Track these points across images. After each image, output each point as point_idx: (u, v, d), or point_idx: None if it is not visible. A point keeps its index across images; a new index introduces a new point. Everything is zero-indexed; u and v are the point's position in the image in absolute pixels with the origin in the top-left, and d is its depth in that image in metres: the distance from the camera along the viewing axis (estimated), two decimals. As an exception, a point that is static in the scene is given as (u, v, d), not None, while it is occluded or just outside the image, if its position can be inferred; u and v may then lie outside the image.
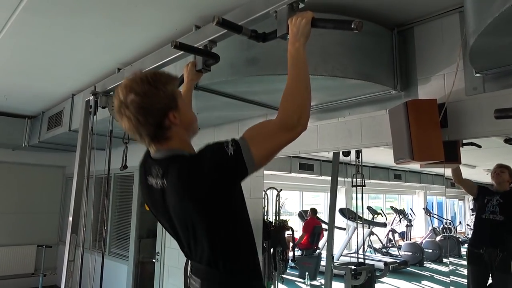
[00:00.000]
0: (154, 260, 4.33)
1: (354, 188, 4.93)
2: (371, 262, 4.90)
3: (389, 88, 2.36)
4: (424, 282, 7.29)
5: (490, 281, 3.00)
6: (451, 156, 2.17)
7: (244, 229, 1.23)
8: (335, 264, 4.08)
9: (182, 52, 1.59)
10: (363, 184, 4.13)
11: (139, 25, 2.62)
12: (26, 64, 3.42)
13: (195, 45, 1.50)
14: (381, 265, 5.93)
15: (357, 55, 2.22)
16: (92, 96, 2.33)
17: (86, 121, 2.43)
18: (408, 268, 8.10)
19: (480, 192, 3.20)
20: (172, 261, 4.10)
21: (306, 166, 4.62)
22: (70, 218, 2.43)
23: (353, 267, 3.75)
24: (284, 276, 4.11)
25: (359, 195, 4.33)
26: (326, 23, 1.18)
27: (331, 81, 2.23)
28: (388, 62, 2.37)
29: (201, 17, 2.45)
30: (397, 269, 6.19)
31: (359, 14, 2.26)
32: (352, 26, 1.08)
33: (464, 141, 2.32)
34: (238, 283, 1.18)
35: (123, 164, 2.36)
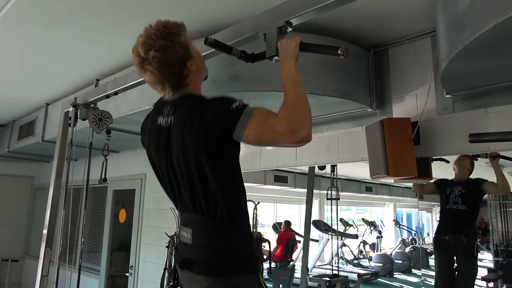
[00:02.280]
0: (127, 274, 4.24)
1: (327, 201, 5.03)
2: (345, 274, 4.99)
3: (366, 106, 2.47)
4: (394, 293, 7.46)
5: (455, 265, 3.13)
6: (424, 172, 2.29)
7: (238, 177, 1.26)
8: (310, 276, 4.13)
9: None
10: (338, 197, 4.23)
11: (122, 37, 2.62)
12: (-2, 72, 3.34)
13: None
14: (355, 276, 6.03)
15: (337, 74, 2.31)
16: (72, 108, 2.30)
17: (65, 132, 2.39)
18: (378, 279, 8.27)
19: (440, 186, 3.32)
20: (146, 275, 4.03)
21: (280, 178, 4.68)
22: (45, 231, 2.36)
23: (327, 278, 3.80)
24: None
25: (334, 208, 4.42)
26: (314, 48, 1.24)
27: (311, 99, 2.26)
28: (365, 81, 2.48)
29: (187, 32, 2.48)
30: (369, 280, 6.30)
31: (340, 35, 2.36)
32: (339, 52, 1.14)
33: (434, 157, 2.45)
34: (233, 233, 1.21)
35: (103, 177, 2.33)
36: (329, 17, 2.19)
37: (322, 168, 4.31)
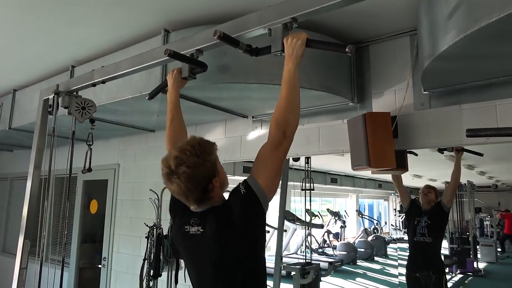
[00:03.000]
0: (99, 266, 4.16)
1: (294, 191, 5.14)
2: (316, 262, 5.15)
3: (347, 100, 2.57)
4: (358, 279, 7.81)
5: None
6: (401, 164, 2.42)
7: (263, 267, 1.38)
8: (284, 265, 4.25)
9: (165, 58, 1.62)
10: (312, 188, 4.35)
11: (103, 24, 2.55)
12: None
13: (182, 53, 1.53)
14: (326, 264, 6.27)
15: (321, 68, 2.39)
16: (53, 95, 2.22)
17: (44, 120, 2.30)
18: (343, 267, 8.60)
19: (411, 207, 3.56)
20: (120, 266, 3.98)
21: (248, 169, 4.74)
22: (23, 223, 2.29)
23: (301, 267, 3.93)
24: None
25: (302, 198, 4.55)
26: (320, 45, 1.29)
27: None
28: (346, 76, 2.57)
29: (170, 21, 2.46)
30: (335, 268, 6.57)
31: (323, 30, 2.43)
32: (347, 50, 1.20)
33: (410, 149, 2.59)
34: None
35: (87, 167, 2.28)
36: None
37: (296, 160, 4.42)
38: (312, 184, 4.34)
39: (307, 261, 4.34)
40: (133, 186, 4.06)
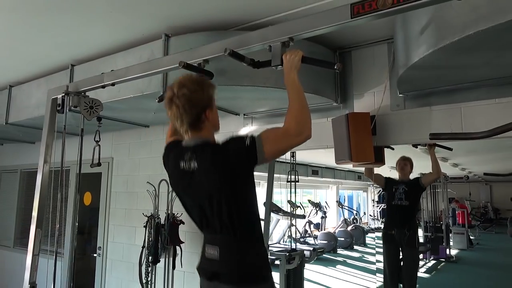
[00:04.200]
0: (94, 255, 4.35)
1: (280, 183, 5.41)
2: (302, 248, 5.44)
3: (331, 101, 2.83)
4: (338, 266, 8.21)
5: (401, 256, 3.70)
6: (378, 158, 2.71)
7: (255, 203, 1.55)
8: (271, 251, 4.52)
9: (174, 66, 1.84)
10: (297, 180, 4.62)
11: (105, 27, 2.72)
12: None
13: (188, 62, 1.75)
14: (308, 252, 6.60)
15: (309, 72, 2.63)
16: (61, 95, 2.40)
17: (53, 118, 2.48)
18: (324, 255, 8.98)
19: (387, 183, 3.89)
20: (116, 255, 4.18)
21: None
22: (35, 214, 2.47)
23: (287, 253, 4.20)
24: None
25: (291, 190, 4.82)
26: (313, 61, 1.54)
27: (286, 93, 2.61)
28: (331, 79, 2.83)
29: (171, 27, 2.66)
30: (317, 255, 6.92)
31: (310, 38, 2.67)
32: (335, 67, 1.45)
33: (387, 145, 2.88)
34: (252, 249, 1.50)
35: (95, 162, 2.48)
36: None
37: (282, 153, 4.67)
38: (297, 176, 4.61)
39: (292, 248, 4.63)
40: (127, 179, 4.25)
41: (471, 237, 10.45)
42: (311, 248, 7.20)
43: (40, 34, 2.85)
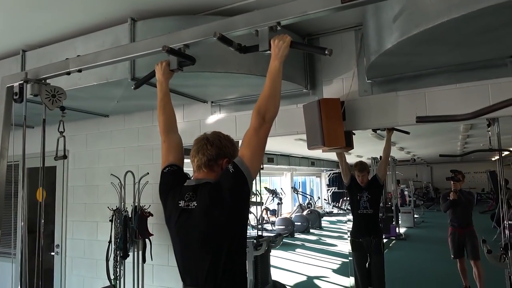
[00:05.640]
0: (52, 254, 4.11)
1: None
2: (266, 235, 5.51)
3: (301, 87, 2.86)
4: (297, 250, 8.44)
5: (369, 261, 3.92)
6: (348, 143, 2.79)
7: (244, 243, 1.60)
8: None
9: (154, 50, 1.75)
10: (262, 167, 4.65)
11: (61, 8, 2.52)
12: None
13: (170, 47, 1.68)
14: (274, 237, 6.72)
15: (280, 58, 2.64)
16: (18, 82, 2.20)
17: (9, 109, 2.28)
18: (283, 240, 9.18)
19: (352, 182, 4.02)
20: (76, 252, 3.98)
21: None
22: (-8, 212, 2.28)
23: (254, 240, 4.24)
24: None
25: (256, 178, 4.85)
26: (302, 46, 1.54)
27: (258, 80, 2.60)
28: (300, 65, 2.86)
29: (136, 10, 2.53)
30: (282, 239, 7.07)
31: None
32: (326, 52, 1.46)
33: (355, 130, 2.98)
34: None
35: (60, 154, 2.32)
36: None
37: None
38: (262, 164, 4.65)
39: (258, 234, 4.68)
40: (85, 172, 4.03)
41: (416, 216, 11.19)
42: (276, 233, 7.32)
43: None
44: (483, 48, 2.09)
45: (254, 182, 1.59)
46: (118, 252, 3.05)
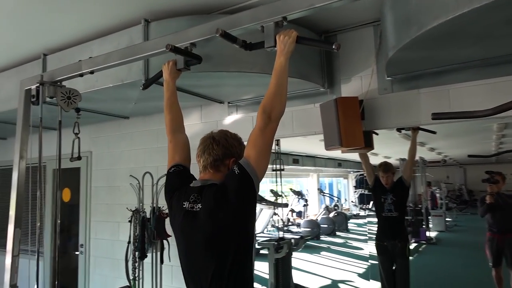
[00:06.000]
0: (77, 253, 4.20)
1: (271, 173, 5.37)
2: (290, 237, 5.45)
3: (319, 86, 2.78)
4: (322, 253, 8.28)
5: (394, 265, 3.78)
6: (368, 143, 2.69)
7: (251, 245, 1.54)
8: (258, 241, 4.49)
9: (160, 50, 1.73)
10: (282, 168, 4.59)
11: (79, 12, 2.57)
12: None
13: (176, 46, 1.65)
14: (295, 241, 6.63)
15: (296, 57, 2.54)
16: (35, 85, 2.25)
17: (27, 111, 2.33)
18: (307, 242, 9.06)
19: (376, 183, 3.88)
20: (99, 252, 4.05)
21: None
22: (12, 212, 2.33)
23: (275, 242, 4.18)
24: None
25: (277, 179, 4.78)
26: (309, 42, 1.47)
27: (273, 79, 2.54)
28: (318, 63, 2.78)
29: (150, 11, 2.53)
30: (304, 242, 6.96)
31: (295, 20, 2.60)
32: (333, 47, 1.39)
33: (375, 130, 2.87)
34: None
35: (75, 155, 2.35)
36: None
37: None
38: (282, 165, 4.57)
39: (280, 237, 4.61)
40: (107, 173, 4.10)
41: (448, 219, 10.77)
42: (299, 236, 7.23)
43: (9, 22, 2.67)
44: (509, 41, 1.95)
45: (279, 181, 1.53)
46: (136, 253, 3.06)
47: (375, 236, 4.06)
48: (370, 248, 8.19)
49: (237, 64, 2.40)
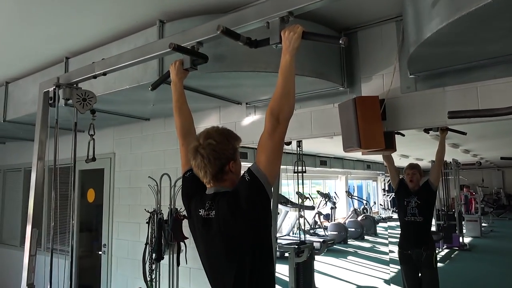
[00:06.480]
0: (100, 253, 4.27)
1: (288, 175, 5.29)
2: (310, 242, 5.33)
3: (338, 85, 2.68)
4: (349, 257, 8.08)
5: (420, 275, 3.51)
6: (389, 145, 2.56)
7: (270, 250, 1.50)
8: (279, 245, 4.41)
9: (167, 50, 1.70)
10: (304, 170, 4.49)
11: (97, 15, 2.59)
12: None
13: (182, 45, 1.61)
14: (318, 244, 6.49)
15: (312, 55, 2.48)
16: (53, 87, 2.28)
17: (45, 113, 2.37)
18: (334, 246, 8.87)
19: (400, 186, 3.68)
20: (121, 252, 4.10)
21: (245, 154, 4.83)
22: (30, 212, 2.37)
23: (296, 246, 4.09)
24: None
25: (299, 181, 4.68)
26: (315, 37, 1.39)
27: (289, 78, 2.47)
28: (336, 61, 2.68)
29: (165, 12, 2.52)
30: (327, 247, 6.81)
31: (313, 18, 2.52)
32: (340, 41, 1.30)
33: (398, 131, 2.73)
34: None
35: (91, 157, 2.37)
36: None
37: (288, 143, 4.53)
38: (304, 167, 4.48)
39: (301, 240, 4.51)
40: (129, 174, 4.15)
41: (483, 224, 10.25)
42: (321, 240, 7.08)
43: (32, 26, 2.73)
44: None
45: (301, 183, 1.49)
46: (153, 255, 3.06)
47: (397, 244, 3.83)
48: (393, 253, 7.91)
49: (251, 63, 2.34)
